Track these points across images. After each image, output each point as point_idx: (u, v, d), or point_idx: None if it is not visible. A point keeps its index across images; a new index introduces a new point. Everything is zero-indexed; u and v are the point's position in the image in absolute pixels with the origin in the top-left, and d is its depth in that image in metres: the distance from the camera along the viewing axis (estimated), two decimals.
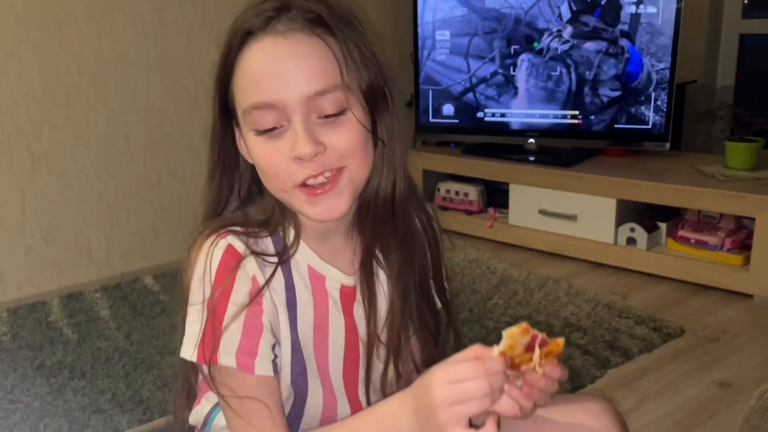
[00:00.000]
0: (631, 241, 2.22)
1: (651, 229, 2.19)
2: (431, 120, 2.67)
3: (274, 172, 0.74)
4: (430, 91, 2.65)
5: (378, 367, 0.84)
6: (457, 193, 2.66)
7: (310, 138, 0.71)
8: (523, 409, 0.69)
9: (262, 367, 0.75)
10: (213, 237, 0.76)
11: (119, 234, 2.36)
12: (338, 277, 0.82)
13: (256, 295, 0.74)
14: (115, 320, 2.04)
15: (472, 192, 2.62)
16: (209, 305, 0.73)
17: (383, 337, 0.84)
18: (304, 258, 0.80)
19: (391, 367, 0.84)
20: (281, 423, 0.75)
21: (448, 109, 2.63)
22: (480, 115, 2.59)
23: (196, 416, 0.88)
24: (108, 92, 2.27)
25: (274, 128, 0.73)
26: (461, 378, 0.64)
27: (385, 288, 0.85)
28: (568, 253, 2.38)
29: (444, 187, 2.70)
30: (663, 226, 2.22)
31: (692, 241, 2.13)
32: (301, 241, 0.80)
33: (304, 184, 0.74)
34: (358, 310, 0.84)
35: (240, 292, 0.74)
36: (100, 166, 2.29)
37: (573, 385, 1.62)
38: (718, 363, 1.73)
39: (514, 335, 0.66)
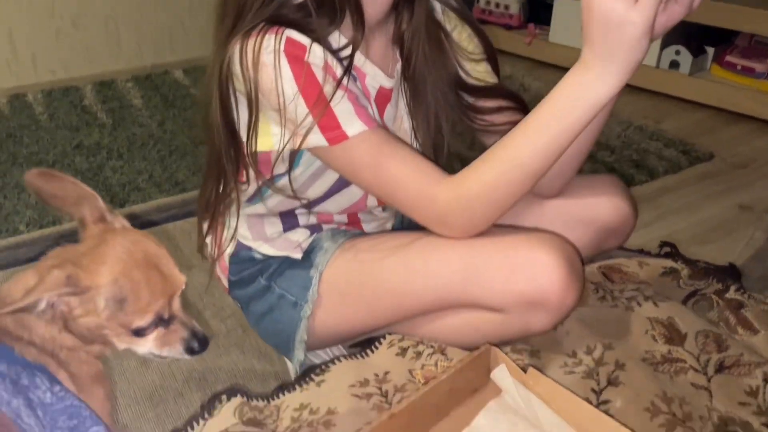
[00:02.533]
0: (674, 64, 2.14)
1: (697, 52, 2.11)
2: None
3: None
4: None
5: None
6: (497, 5, 2.53)
7: None
8: None
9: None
10: (267, 35, 0.73)
11: (148, 25, 2.32)
12: (379, 77, 0.83)
13: (347, 68, 0.74)
14: (147, 109, 2.07)
15: (513, 5, 2.49)
16: (306, 94, 0.72)
17: (420, 135, 0.86)
18: (349, 54, 0.78)
19: None
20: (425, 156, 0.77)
21: None
22: None
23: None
24: None
25: None
26: None
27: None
28: None
29: None
30: (710, 50, 2.13)
31: (738, 67, 2.05)
32: (344, 38, 0.78)
33: None
34: (389, 112, 0.85)
35: (321, 75, 0.73)
36: None
37: None
38: (742, 188, 1.73)
39: None
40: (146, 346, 0.68)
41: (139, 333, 0.65)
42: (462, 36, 0.89)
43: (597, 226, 0.91)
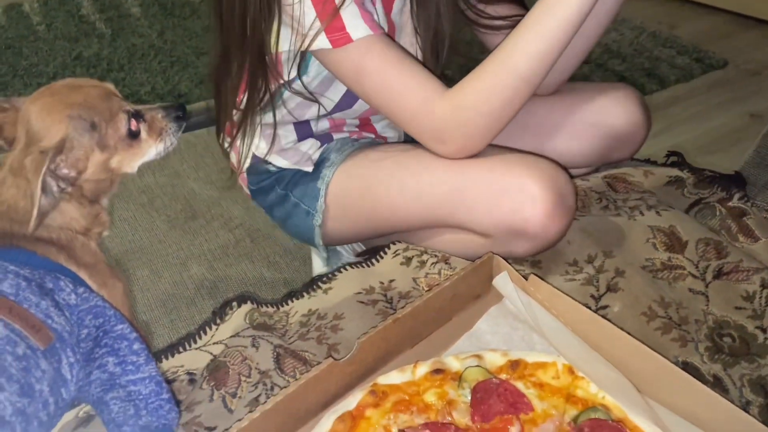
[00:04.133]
0: None
1: None
2: None
3: None
4: None
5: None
6: None
7: None
8: None
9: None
10: None
11: None
12: None
13: None
14: (146, 18, 2.01)
15: None
16: None
17: (421, 33, 0.83)
18: None
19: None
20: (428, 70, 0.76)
21: None
22: None
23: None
24: None
25: None
26: None
27: None
28: None
29: None
30: None
31: None
32: None
33: None
34: (397, 5, 0.83)
35: None
36: None
37: None
38: (754, 96, 1.70)
39: None
40: (150, 147, 0.73)
41: (132, 135, 0.70)
42: None
43: (607, 131, 0.89)
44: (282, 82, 0.82)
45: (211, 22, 0.82)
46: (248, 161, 0.93)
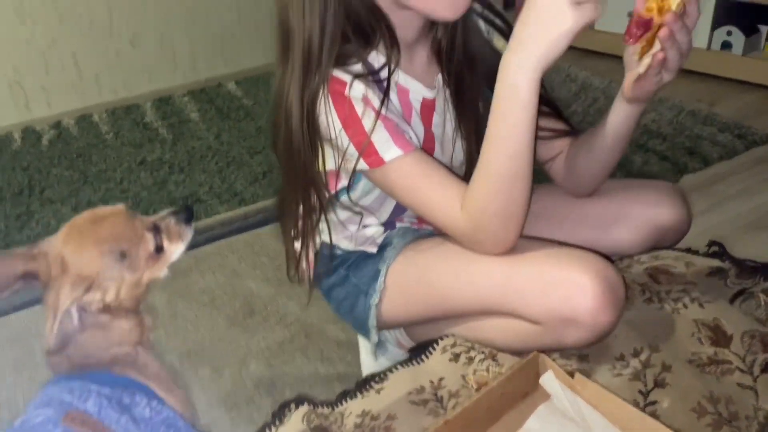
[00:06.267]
0: (726, 45, 2.10)
1: (750, 32, 2.05)
2: None
3: None
4: None
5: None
6: None
7: None
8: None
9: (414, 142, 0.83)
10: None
11: (201, 40, 2.42)
12: (420, 90, 0.88)
13: (383, 98, 0.79)
14: (204, 122, 2.16)
15: None
16: (347, 126, 0.79)
17: (462, 137, 0.90)
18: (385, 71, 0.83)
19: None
20: (456, 179, 0.82)
21: None
22: None
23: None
24: None
25: None
26: None
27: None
28: None
29: None
30: (764, 29, 2.07)
31: None
32: (381, 55, 0.83)
33: None
34: (437, 120, 0.91)
35: (362, 108, 0.79)
36: None
37: None
38: None
39: None
40: (173, 253, 0.76)
41: (159, 250, 0.74)
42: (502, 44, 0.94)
43: (656, 225, 0.94)
44: (331, 194, 0.89)
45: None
46: (312, 253, 0.99)
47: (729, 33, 2.08)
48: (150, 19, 2.30)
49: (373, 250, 0.96)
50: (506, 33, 0.94)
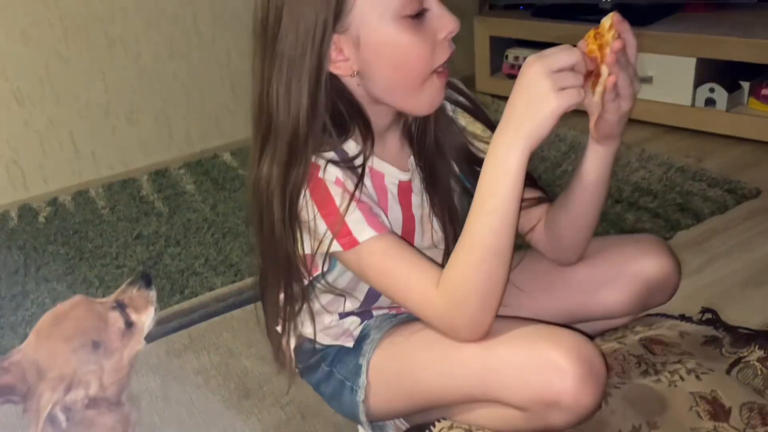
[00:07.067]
0: (709, 102, 2.14)
1: (732, 88, 2.10)
2: None
3: (422, 63, 0.79)
4: None
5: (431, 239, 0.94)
6: (525, 59, 2.58)
7: (453, 14, 0.78)
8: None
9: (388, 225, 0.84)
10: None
11: (196, 113, 2.46)
12: (395, 174, 0.90)
13: (357, 182, 0.81)
14: (200, 194, 2.18)
15: None
16: (322, 209, 0.80)
17: (437, 215, 0.91)
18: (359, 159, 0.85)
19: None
20: (430, 261, 0.83)
21: None
22: None
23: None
24: None
25: (421, 12, 0.77)
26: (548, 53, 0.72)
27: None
28: (643, 118, 2.31)
29: (512, 53, 2.63)
30: (745, 85, 2.11)
31: None
32: (355, 143, 0.84)
33: (435, 70, 0.80)
34: (416, 201, 0.92)
35: (336, 191, 0.81)
36: (172, 47, 2.35)
37: None
38: None
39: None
40: (145, 322, 0.79)
41: (129, 325, 0.75)
42: (476, 127, 0.95)
43: (644, 280, 0.94)
44: (309, 279, 0.90)
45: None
46: (293, 341, 0.98)
47: (712, 90, 2.12)
48: (146, 96, 2.35)
49: (350, 344, 0.95)
50: (471, 110, 0.96)
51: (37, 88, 2.18)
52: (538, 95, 0.69)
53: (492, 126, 0.95)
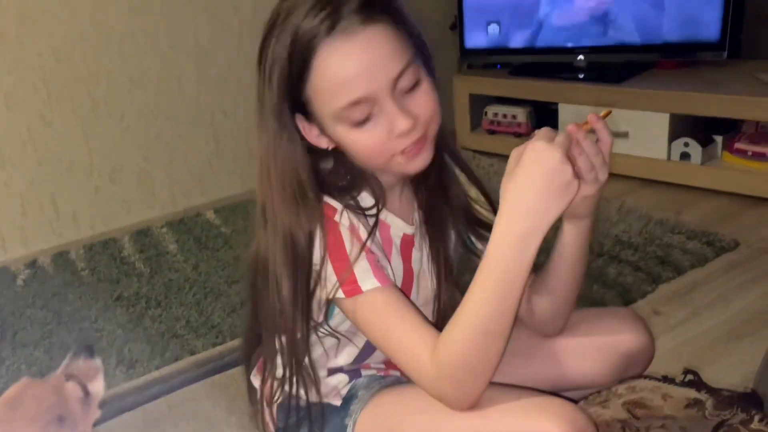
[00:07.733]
0: (685, 156, 2.19)
1: (706, 142, 2.15)
2: (476, 42, 2.63)
3: (375, 154, 0.81)
4: (474, 12, 2.59)
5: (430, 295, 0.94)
6: (504, 116, 2.64)
7: (406, 114, 0.78)
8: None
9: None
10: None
11: (179, 172, 2.47)
12: (401, 226, 0.91)
13: (370, 232, 0.82)
14: (182, 253, 2.17)
15: (520, 114, 2.59)
16: (332, 252, 0.81)
17: (434, 270, 0.92)
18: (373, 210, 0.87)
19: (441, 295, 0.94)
20: (428, 323, 0.82)
21: (493, 29, 2.58)
22: (526, 34, 2.53)
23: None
24: (158, 34, 2.32)
25: (367, 118, 0.79)
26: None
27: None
28: (620, 172, 2.35)
29: (491, 110, 2.68)
30: (719, 139, 2.17)
31: (749, 153, 2.08)
32: (369, 195, 0.87)
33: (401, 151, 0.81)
34: (416, 255, 0.93)
35: (347, 236, 0.82)
36: (156, 107, 2.37)
37: (623, 300, 1.65)
38: None
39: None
40: (97, 388, 0.80)
41: (86, 392, 0.76)
42: (470, 191, 0.97)
43: (622, 352, 0.96)
44: (311, 325, 0.89)
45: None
46: (279, 396, 0.96)
47: (686, 144, 2.17)
48: (130, 155, 2.36)
49: (337, 402, 0.94)
50: (470, 176, 0.99)
51: (19, 150, 2.18)
52: (564, 182, 0.70)
53: (485, 192, 0.97)
